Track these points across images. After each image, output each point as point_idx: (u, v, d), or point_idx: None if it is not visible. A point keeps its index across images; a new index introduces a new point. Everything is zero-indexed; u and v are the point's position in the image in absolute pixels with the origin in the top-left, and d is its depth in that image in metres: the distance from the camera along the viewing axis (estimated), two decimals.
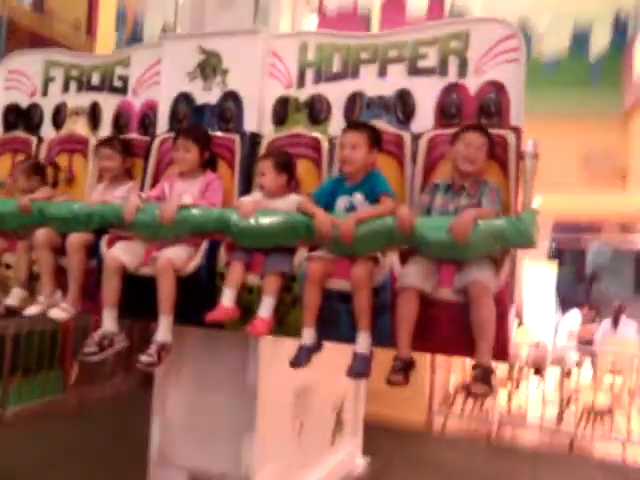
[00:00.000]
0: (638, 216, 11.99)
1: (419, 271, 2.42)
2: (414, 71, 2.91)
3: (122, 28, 11.56)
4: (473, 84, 2.79)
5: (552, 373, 7.35)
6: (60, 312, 2.88)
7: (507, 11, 10.67)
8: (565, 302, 12.73)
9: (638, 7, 9.07)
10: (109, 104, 3.52)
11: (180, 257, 2.77)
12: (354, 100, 2.99)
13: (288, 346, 2.68)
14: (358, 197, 2.66)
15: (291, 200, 2.81)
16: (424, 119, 2.86)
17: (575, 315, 9.61)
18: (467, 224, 2.33)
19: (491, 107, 2.74)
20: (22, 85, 3.75)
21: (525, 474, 5.23)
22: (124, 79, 3.50)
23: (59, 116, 3.63)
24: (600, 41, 9.92)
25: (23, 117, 3.73)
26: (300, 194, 2.86)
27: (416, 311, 2.39)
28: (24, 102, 3.74)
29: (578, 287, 16.16)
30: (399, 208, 2.49)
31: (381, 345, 2.55)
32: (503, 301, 2.38)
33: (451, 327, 2.44)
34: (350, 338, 2.57)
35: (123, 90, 3.49)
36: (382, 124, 2.89)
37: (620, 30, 9.83)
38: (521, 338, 8.80)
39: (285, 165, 2.86)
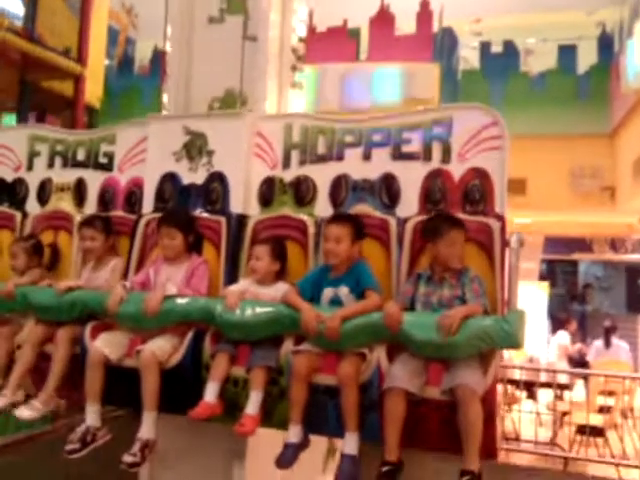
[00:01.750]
0: (628, 232, 12.05)
1: (406, 371, 2.40)
2: (398, 156, 2.91)
3: (113, 50, 11.63)
4: (457, 170, 2.79)
5: (545, 394, 7.35)
6: (27, 411, 2.83)
7: (495, 29, 10.81)
8: (557, 321, 12.79)
9: (623, 22, 9.16)
10: (94, 180, 3.50)
11: (164, 350, 2.74)
12: (339, 183, 2.99)
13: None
14: (343, 290, 2.66)
15: (279, 288, 2.80)
16: (409, 204, 2.85)
17: (562, 336, 9.58)
18: (453, 322, 2.32)
19: (475, 194, 2.74)
20: (7, 160, 3.74)
21: None
22: (109, 155, 3.48)
23: (44, 191, 3.60)
24: (587, 56, 10.03)
25: (8, 192, 3.70)
26: (288, 281, 2.85)
27: (404, 412, 2.37)
28: (9, 176, 3.72)
29: (570, 305, 16.12)
30: (386, 304, 2.48)
31: (369, 442, 2.52)
32: (491, 401, 2.36)
33: (439, 426, 2.42)
34: (338, 433, 2.55)
35: (109, 166, 3.48)
36: (367, 208, 2.89)
37: (606, 45, 9.95)
38: (515, 356, 8.80)
39: (281, 254, 2.87)
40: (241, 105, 3.48)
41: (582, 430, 6.34)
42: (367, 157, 2.97)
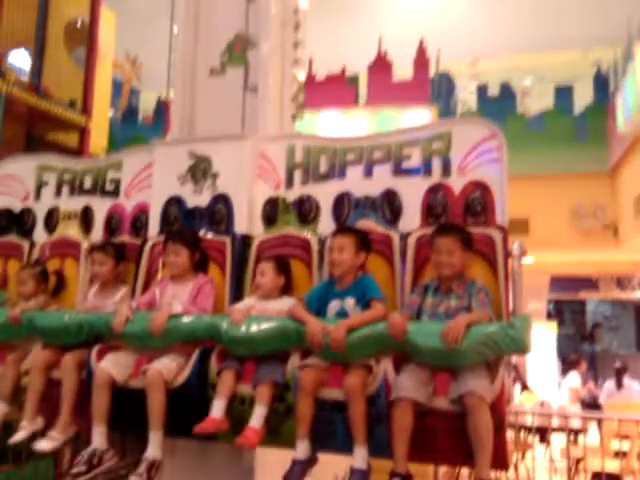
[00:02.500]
0: (634, 270, 11.98)
1: (413, 381, 2.38)
2: (399, 171, 2.96)
3: (117, 101, 11.88)
4: (457, 184, 2.83)
5: (558, 439, 7.15)
6: (47, 443, 2.81)
7: (491, 71, 11.05)
8: (567, 361, 12.60)
9: (617, 62, 9.34)
10: (101, 207, 3.55)
11: (170, 369, 2.73)
12: (342, 200, 3.03)
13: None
14: (349, 302, 2.66)
15: (284, 302, 2.81)
16: (411, 218, 2.88)
17: (573, 378, 9.42)
18: (459, 330, 2.31)
19: (476, 206, 2.77)
20: (14, 190, 3.80)
21: None
22: (116, 182, 3.55)
23: (51, 220, 3.65)
24: (583, 96, 10.20)
25: (16, 221, 3.75)
26: (293, 297, 2.86)
27: (412, 422, 2.34)
28: (17, 207, 3.78)
29: (579, 345, 15.94)
30: (391, 315, 2.48)
31: (378, 456, 2.48)
32: (500, 409, 2.33)
33: (448, 436, 2.38)
34: (346, 448, 2.50)
35: (115, 193, 3.53)
36: (370, 224, 2.92)
37: (602, 85, 10.13)
38: (526, 402, 8.62)
39: (285, 269, 2.90)
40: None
41: (598, 477, 6.12)
42: (368, 174, 3.02)
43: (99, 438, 2.76)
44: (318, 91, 9.96)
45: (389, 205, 2.93)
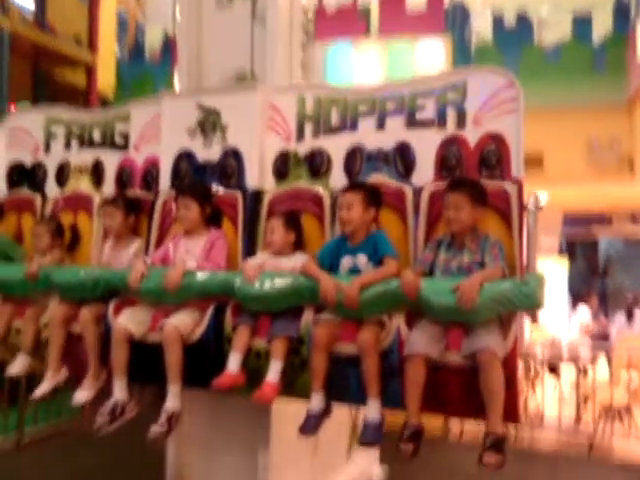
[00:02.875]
0: None
1: (426, 336, 2.40)
2: (412, 123, 2.89)
3: (123, 38, 11.61)
4: (472, 136, 2.76)
5: (567, 371, 7.30)
6: (84, 393, 2.90)
7: (507, 2, 10.60)
8: (578, 297, 12.70)
9: None
10: (111, 161, 3.53)
11: (186, 324, 2.78)
12: (354, 153, 2.98)
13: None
14: (361, 258, 2.66)
15: (297, 259, 2.82)
16: (424, 172, 2.83)
17: (583, 312, 9.49)
18: (473, 289, 2.31)
19: (491, 159, 2.71)
20: (25, 143, 3.78)
21: (544, 478, 5.14)
22: (125, 135, 3.51)
23: (63, 174, 3.65)
24: (602, 26, 9.80)
25: (27, 175, 3.75)
26: (305, 252, 2.86)
27: (424, 377, 2.37)
28: (28, 160, 3.77)
29: (591, 281, 15.98)
30: (403, 273, 2.48)
31: (391, 408, 2.54)
32: (512, 365, 2.36)
33: (460, 390, 2.42)
34: (360, 400, 2.57)
35: (124, 146, 3.50)
36: (383, 178, 2.88)
37: (622, 14, 9.71)
38: (536, 336, 8.76)
39: (294, 224, 2.89)
40: None
41: (607, 408, 6.31)
42: (381, 126, 2.95)
43: (120, 390, 2.84)
44: (328, 23, 9.63)
45: (402, 158, 2.88)
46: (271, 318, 2.72)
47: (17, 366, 3.14)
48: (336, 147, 3.02)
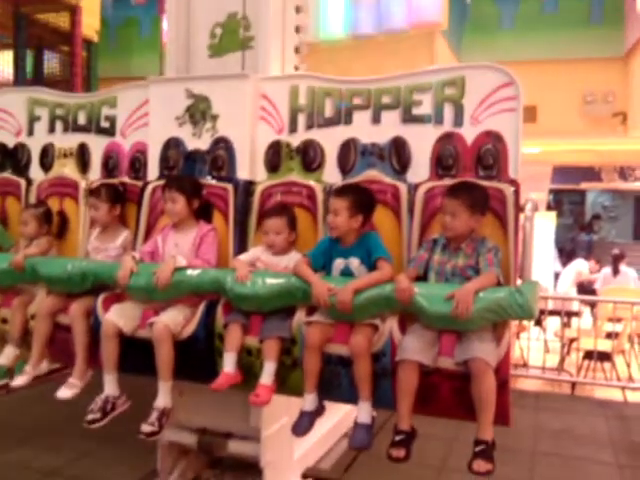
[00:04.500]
0: (638, 160, 11.89)
1: (418, 342, 2.40)
2: (408, 118, 2.82)
3: None
4: (469, 133, 2.71)
5: (552, 323, 7.43)
6: (67, 390, 2.88)
7: None
8: (564, 252, 12.91)
9: None
10: (97, 145, 3.43)
11: (177, 322, 2.75)
12: (348, 147, 2.91)
13: None
14: (354, 262, 2.63)
15: (291, 257, 2.80)
16: (420, 169, 2.78)
17: (581, 264, 9.67)
18: (468, 298, 2.29)
19: (489, 159, 2.66)
20: (7, 124, 3.66)
21: (527, 417, 5.21)
22: (111, 119, 3.40)
23: (47, 157, 3.54)
24: None
25: (10, 157, 3.64)
26: (298, 252, 2.82)
27: (416, 383, 2.38)
28: (10, 142, 3.65)
29: (577, 236, 16.20)
30: (398, 279, 2.45)
31: (383, 408, 2.56)
32: (504, 371, 2.37)
33: (451, 394, 2.44)
34: (351, 399, 2.58)
35: (111, 131, 3.40)
36: (377, 174, 2.83)
37: None
38: None
39: (294, 223, 2.84)
40: (244, 30, 3.29)
41: (590, 356, 6.44)
42: (376, 120, 2.88)
43: (110, 385, 2.83)
44: None
45: (397, 154, 2.82)
46: (262, 317, 2.70)
47: (4, 357, 3.10)
48: (330, 140, 2.94)
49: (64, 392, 2.89)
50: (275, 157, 3.04)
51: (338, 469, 3.96)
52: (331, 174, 2.93)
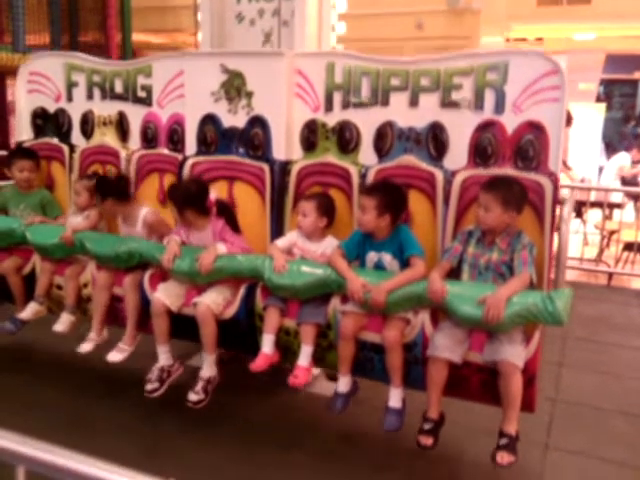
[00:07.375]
0: None
1: (449, 340, 2.48)
2: (447, 103, 2.73)
3: None
4: (510, 122, 2.62)
5: (593, 216, 7.38)
6: (117, 354, 3.11)
7: None
8: (611, 146, 12.51)
9: None
10: (135, 115, 3.44)
11: (218, 303, 2.89)
12: (385, 130, 2.86)
13: None
14: (386, 257, 2.68)
15: (327, 244, 2.86)
16: (457, 156, 2.73)
17: (624, 157, 9.47)
18: (500, 305, 2.33)
19: (529, 150, 2.59)
20: (47, 89, 3.68)
21: None
22: (147, 89, 3.38)
23: (87, 124, 3.58)
24: None
25: (51, 122, 3.70)
26: (333, 237, 2.88)
27: (446, 376, 2.50)
28: (49, 106, 3.69)
29: (625, 130, 15.55)
30: (430, 278, 2.50)
31: (414, 389, 2.70)
32: (532, 369, 2.45)
33: (480, 384, 2.56)
34: (383, 379, 2.72)
35: (147, 101, 3.39)
36: (413, 159, 2.80)
37: None
38: (564, 180, 8.72)
39: (328, 209, 2.87)
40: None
41: (630, 247, 6.40)
42: (414, 103, 2.80)
43: (164, 356, 3.05)
44: None
45: (434, 140, 2.76)
46: (299, 302, 2.81)
47: (62, 324, 3.33)
48: (366, 122, 2.89)
49: (115, 355, 3.13)
50: (311, 136, 3.01)
51: None
52: (367, 156, 2.91)
